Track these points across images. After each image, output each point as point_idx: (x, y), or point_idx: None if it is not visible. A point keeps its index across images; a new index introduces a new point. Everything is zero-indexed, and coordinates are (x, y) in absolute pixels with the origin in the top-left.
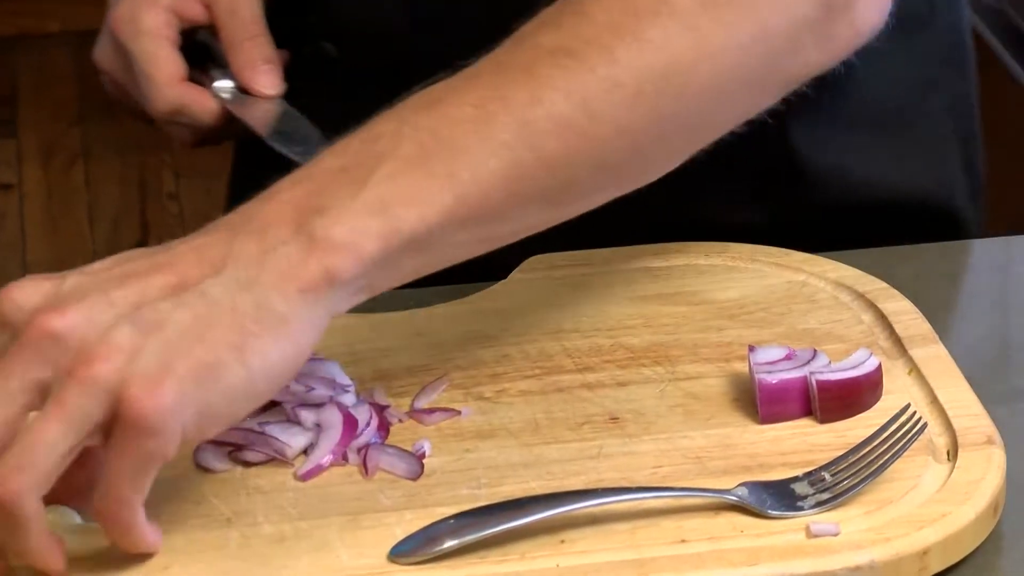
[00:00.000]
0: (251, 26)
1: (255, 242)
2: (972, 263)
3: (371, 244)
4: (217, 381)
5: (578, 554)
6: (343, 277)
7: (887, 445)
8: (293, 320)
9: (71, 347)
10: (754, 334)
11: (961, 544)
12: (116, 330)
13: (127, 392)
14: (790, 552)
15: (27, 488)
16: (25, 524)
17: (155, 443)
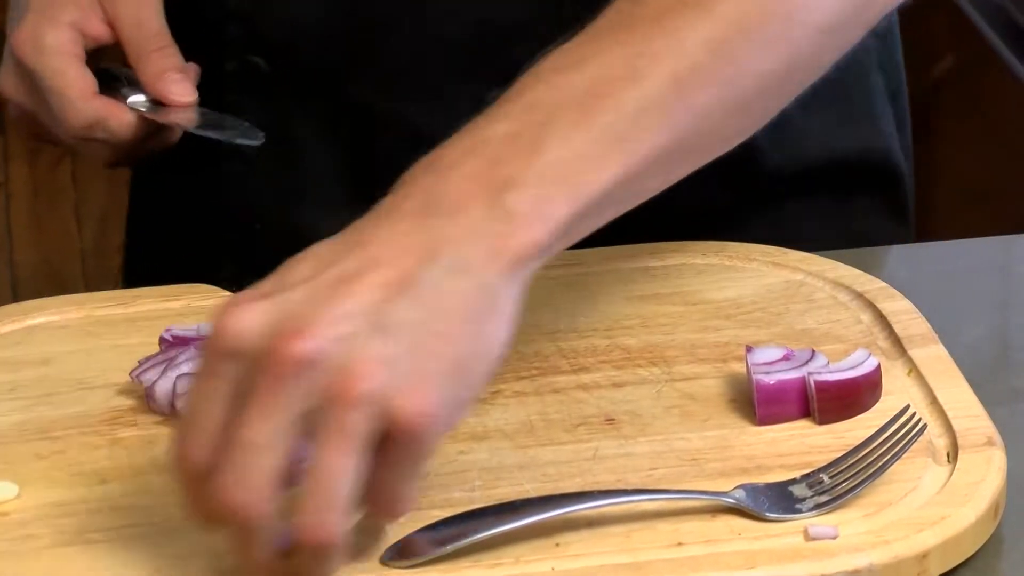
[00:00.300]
0: (157, 38)
1: (454, 224)
2: (972, 263)
3: (561, 212)
4: (466, 374)
5: (573, 557)
6: (542, 248)
7: (886, 447)
8: (507, 297)
9: (326, 370)
10: (751, 334)
11: (961, 547)
12: (365, 344)
13: (395, 404)
14: (788, 555)
15: (340, 527)
16: (335, 559)
17: (428, 445)
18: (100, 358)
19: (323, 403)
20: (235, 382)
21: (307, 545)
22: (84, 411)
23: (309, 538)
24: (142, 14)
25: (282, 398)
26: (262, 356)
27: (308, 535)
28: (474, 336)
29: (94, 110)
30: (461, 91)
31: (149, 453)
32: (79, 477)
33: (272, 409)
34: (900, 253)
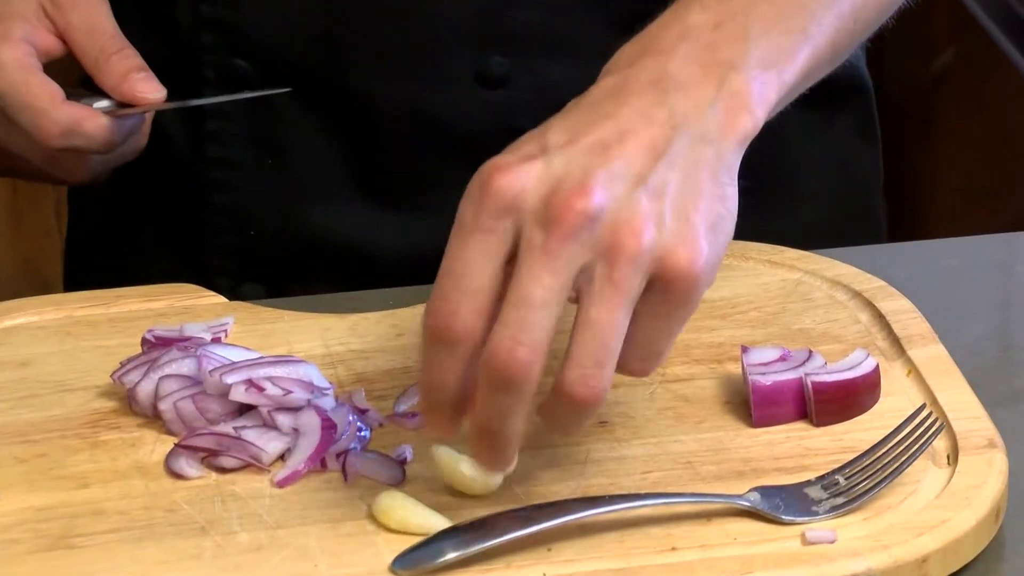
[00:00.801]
0: (114, 41)
1: (690, 100)
2: (972, 261)
3: (773, 95)
4: (722, 230)
5: (565, 563)
6: (758, 127)
7: (902, 447)
8: (735, 168)
9: (605, 226)
10: (747, 334)
11: (961, 551)
12: (637, 202)
13: (672, 257)
14: (784, 560)
15: (608, 382)
16: (592, 415)
17: (698, 296)
18: (81, 359)
19: (599, 258)
20: (508, 241)
21: (575, 399)
22: (65, 414)
23: (579, 392)
24: (94, 21)
25: (566, 253)
26: (546, 212)
27: (579, 389)
28: (721, 197)
29: (68, 115)
30: (460, 61)
31: (132, 456)
32: (60, 481)
33: (558, 264)
34: (899, 251)
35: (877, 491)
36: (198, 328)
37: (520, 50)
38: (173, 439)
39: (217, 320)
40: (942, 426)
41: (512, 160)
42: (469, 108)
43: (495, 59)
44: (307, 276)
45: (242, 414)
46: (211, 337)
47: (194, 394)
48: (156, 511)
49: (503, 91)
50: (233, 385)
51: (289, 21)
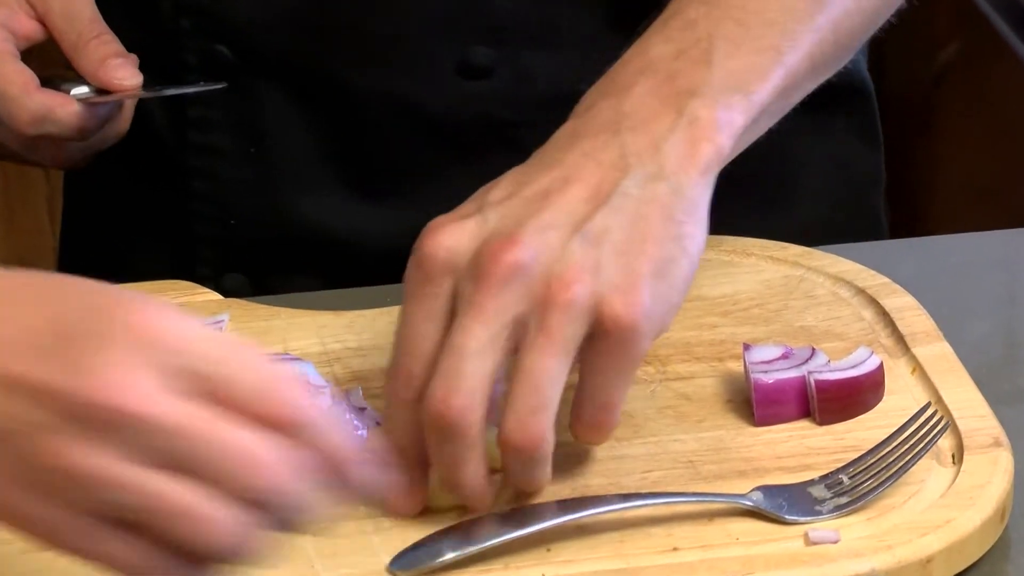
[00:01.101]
0: (92, 26)
1: (644, 136)
2: (978, 257)
3: (739, 119)
4: (671, 275)
5: (564, 563)
6: (724, 153)
7: (907, 446)
8: (700, 202)
9: (537, 277)
10: (749, 332)
11: (966, 552)
12: (572, 250)
13: (608, 306)
14: (786, 560)
15: (548, 430)
16: (544, 466)
17: (640, 347)
18: None
19: (533, 308)
20: (449, 299)
21: (515, 446)
22: None
23: (517, 439)
24: (73, 6)
25: (497, 304)
26: (475, 267)
27: (516, 437)
28: (674, 238)
29: (40, 103)
30: (443, 52)
31: None
32: None
33: (487, 315)
34: (903, 247)
35: (882, 490)
36: None
37: (504, 41)
38: None
39: (212, 318)
40: (947, 425)
41: (447, 221)
42: (452, 99)
43: (479, 50)
44: (290, 267)
45: None
46: None
47: None
48: None
49: (486, 82)
50: None
51: (270, 7)
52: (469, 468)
